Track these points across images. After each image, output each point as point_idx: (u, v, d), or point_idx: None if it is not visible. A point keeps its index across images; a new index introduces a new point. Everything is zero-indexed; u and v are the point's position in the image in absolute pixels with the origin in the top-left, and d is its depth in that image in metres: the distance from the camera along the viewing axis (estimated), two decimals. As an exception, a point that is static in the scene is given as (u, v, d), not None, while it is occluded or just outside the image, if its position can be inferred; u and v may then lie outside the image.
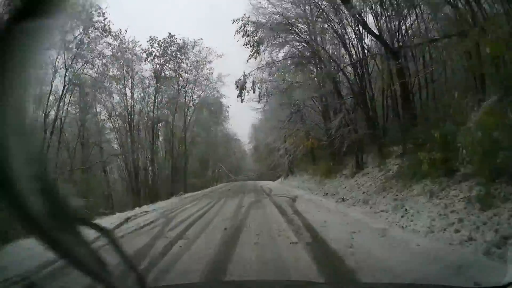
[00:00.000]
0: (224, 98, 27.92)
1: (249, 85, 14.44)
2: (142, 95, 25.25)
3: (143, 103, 25.17)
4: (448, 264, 3.08)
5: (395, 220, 5.53)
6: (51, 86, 18.80)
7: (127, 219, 8.83)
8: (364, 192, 9.62)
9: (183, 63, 25.62)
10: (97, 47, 20.25)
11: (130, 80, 24.67)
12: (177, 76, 25.46)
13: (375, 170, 11.31)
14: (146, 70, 25.06)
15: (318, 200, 9.73)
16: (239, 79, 14.20)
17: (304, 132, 17.83)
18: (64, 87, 18.20)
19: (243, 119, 56.29)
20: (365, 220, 5.84)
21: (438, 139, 6.93)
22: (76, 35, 18.19)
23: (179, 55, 25.09)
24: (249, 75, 14.11)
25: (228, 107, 29.14)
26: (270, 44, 13.91)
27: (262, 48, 14.24)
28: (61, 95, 17.98)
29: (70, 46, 18.07)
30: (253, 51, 14.11)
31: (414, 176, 7.33)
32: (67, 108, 20.81)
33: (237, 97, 14.33)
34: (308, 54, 13.72)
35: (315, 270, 3.21)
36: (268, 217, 7.25)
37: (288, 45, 14.10)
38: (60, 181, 20.21)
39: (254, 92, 14.45)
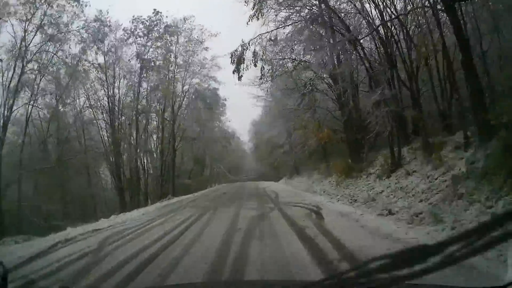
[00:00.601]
0: (220, 86, 24.45)
1: (248, 61, 11.03)
2: (125, 82, 22.02)
3: (126, 91, 21.89)
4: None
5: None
6: (14, 69, 15.66)
7: (52, 246, 5.58)
8: (421, 201, 6.64)
9: (172, 45, 22.21)
10: (71, 26, 17.23)
11: (113, 66, 21.53)
12: (165, 60, 22.05)
13: (424, 167, 8.45)
14: (131, 55, 21.96)
15: (357, 215, 6.38)
16: (236, 50, 10.78)
17: (317, 122, 14.49)
18: (23, 66, 14.89)
19: (242, 114, 53.10)
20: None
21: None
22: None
23: (167, 37, 21.70)
24: (249, 44, 10.72)
25: (225, 100, 25.77)
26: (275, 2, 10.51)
27: (265, 10, 10.88)
28: (11, 76, 14.60)
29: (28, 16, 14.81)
30: (255, 8, 10.69)
31: (509, 175, 4.93)
32: (35, 96, 17.65)
33: (233, 72, 10.92)
34: (322, 17, 10.33)
35: None
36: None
37: (298, 7, 10.76)
38: (28, 182, 17.46)
39: (256, 66, 11.05)
